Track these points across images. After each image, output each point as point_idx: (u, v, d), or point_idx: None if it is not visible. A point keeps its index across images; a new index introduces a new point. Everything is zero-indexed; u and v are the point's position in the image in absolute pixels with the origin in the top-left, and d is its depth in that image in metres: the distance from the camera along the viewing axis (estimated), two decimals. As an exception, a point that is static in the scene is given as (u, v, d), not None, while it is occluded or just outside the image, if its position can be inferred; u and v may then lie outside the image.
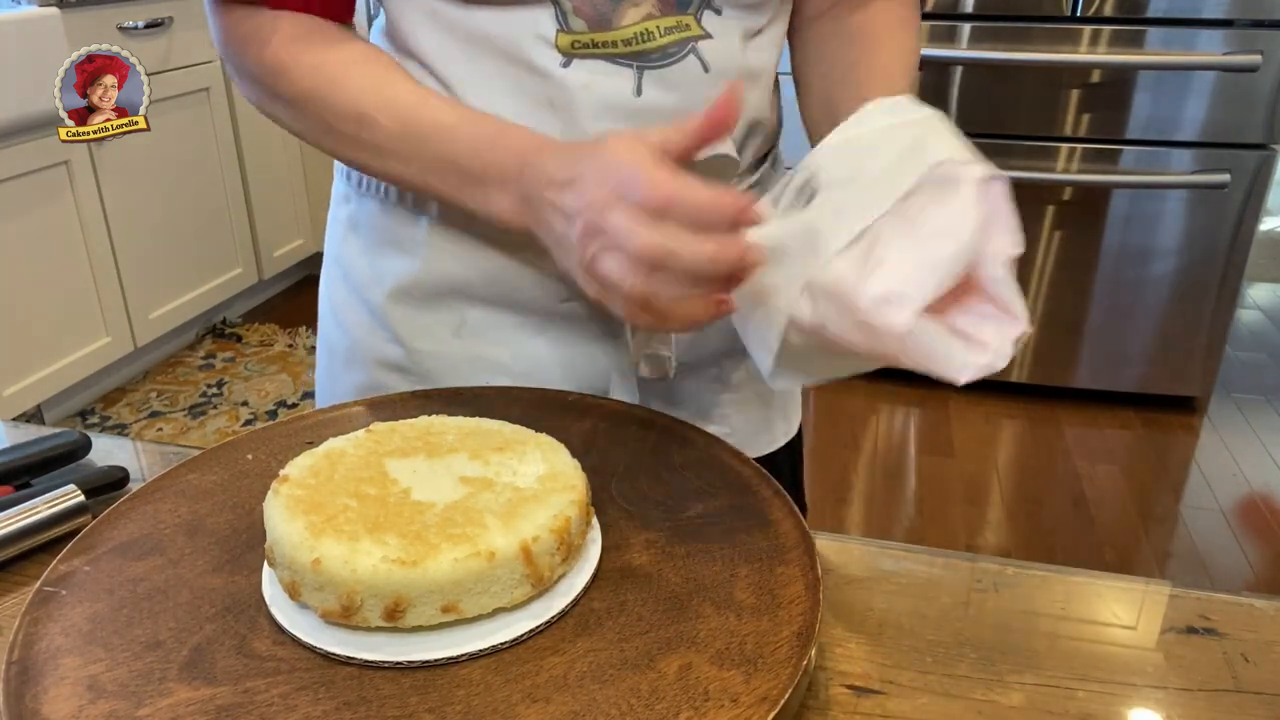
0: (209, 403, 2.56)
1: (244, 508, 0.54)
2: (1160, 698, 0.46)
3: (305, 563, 0.44)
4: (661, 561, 0.50)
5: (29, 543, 0.55)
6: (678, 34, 0.61)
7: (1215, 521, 2.12)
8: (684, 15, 0.61)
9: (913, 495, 2.20)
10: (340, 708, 0.41)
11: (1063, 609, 0.52)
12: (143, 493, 0.55)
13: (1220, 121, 2.24)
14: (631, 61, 0.61)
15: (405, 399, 0.66)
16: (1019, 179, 2.35)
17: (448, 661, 0.43)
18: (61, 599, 0.47)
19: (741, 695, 0.41)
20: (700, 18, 0.62)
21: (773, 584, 0.48)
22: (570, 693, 0.41)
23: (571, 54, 0.60)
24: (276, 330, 2.94)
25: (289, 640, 0.45)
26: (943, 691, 0.46)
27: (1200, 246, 2.35)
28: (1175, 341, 2.45)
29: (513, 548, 0.45)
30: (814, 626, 0.44)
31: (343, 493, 0.49)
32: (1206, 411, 2.53)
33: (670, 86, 0.62)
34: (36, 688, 0.42)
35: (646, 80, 0.61)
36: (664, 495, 0.55)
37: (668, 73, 0.62)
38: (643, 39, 0.60)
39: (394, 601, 0.43)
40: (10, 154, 2.09)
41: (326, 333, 0.77)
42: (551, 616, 0.46)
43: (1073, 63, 2.26)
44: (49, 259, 2.25)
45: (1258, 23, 2.15)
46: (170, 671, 0.43)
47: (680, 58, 0.61)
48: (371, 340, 0.72)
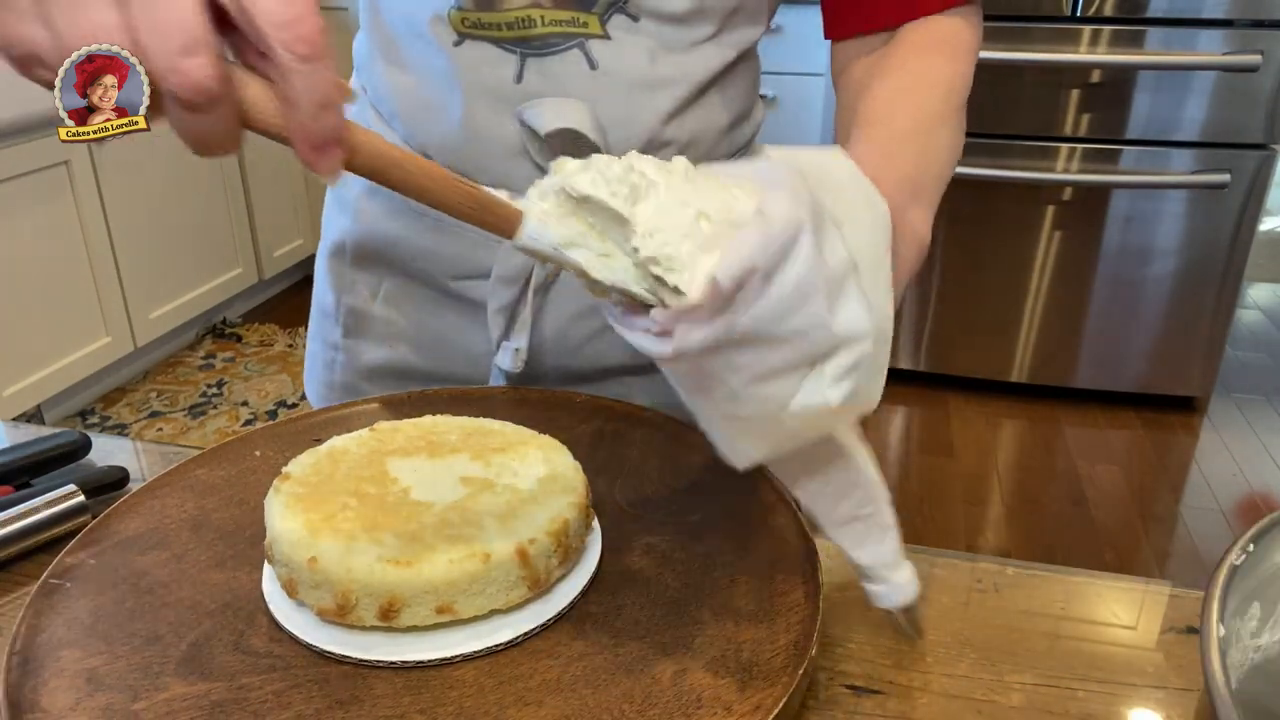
0: (209, 403, 2.56)
1: (249, 504, 0.54)
2: (1160, 698, 0.46)
3: (302, 560, 0.44)
4: (661, 566, 0.49)
5: (29, 543, 0.55)
6: (566, 27, 0.60)
7: (1215, 521, 2.11)
8: (584, 13, 0.60)
9: (913, 495, 2.20)
10: (333, 706, 0.41)
11: (1063, 609, 0.52)
12: (151, 487, 0.56)
13: (1220, 121, 2.24)
14: (515, 47, 0.61)
15: (413, 398, 0.66)
16: (1019, 179, 2.36)
17: (441, 662, 0.43)
18: (66, 591, 0.48)
19: (735, 704, 0.41)
20: (607, 19, 0.61)
21: (772, 591, 0.47)
22: (563, 696, 0.41)
23: (464, 33, 0.62)
24: (276, 330, 2.94)
25: (285, 638, 0.45)
26: (943, 691, 0.46)
27: (1200, 246, 2.35)
28: (1175, 341, 2.45)
29: (509, 550, 0.45)
30: (812, 636, 0.44)
31: (343, 491, 0.49)
32: (1206, 411, 2.53)
33: (551, 77, 0.62)
34: (36, 679, 0.42)
35: (529, 67, 0.62)
36: (667, 499, 0.55)
37: (549, 62, 0.61)
38: (523, 24, 0.61)
39: (389, 601, 0.43)
40: (10, 154, 2.09)
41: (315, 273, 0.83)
42: (547, 619, 0.46)
43: (1073, 63, 2.26)
44: (49, 259, 2.25)
45: (1258, 23, 2.15)
46: (168, 666, 0.43)
47: (563, 49, 0.61)
48: (321, 285, 0.79)
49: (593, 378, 0.72)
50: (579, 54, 0.61)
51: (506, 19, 0.60)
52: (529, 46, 0.61)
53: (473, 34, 0.61)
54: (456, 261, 0.70)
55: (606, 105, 0.62)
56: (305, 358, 0.84)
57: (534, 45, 0.61)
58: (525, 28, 0.61)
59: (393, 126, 0.69)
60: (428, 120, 0.66)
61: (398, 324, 0.74)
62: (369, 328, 0.75)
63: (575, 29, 0.61)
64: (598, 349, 0.71)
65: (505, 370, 0.70)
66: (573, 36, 0.61)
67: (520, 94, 0.62)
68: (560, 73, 0.62)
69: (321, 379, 0.80)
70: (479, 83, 0.63)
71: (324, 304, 0.79)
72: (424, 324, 0.73)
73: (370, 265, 0.73)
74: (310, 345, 0.83)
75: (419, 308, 0.73)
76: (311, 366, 0.83)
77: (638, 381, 0.73)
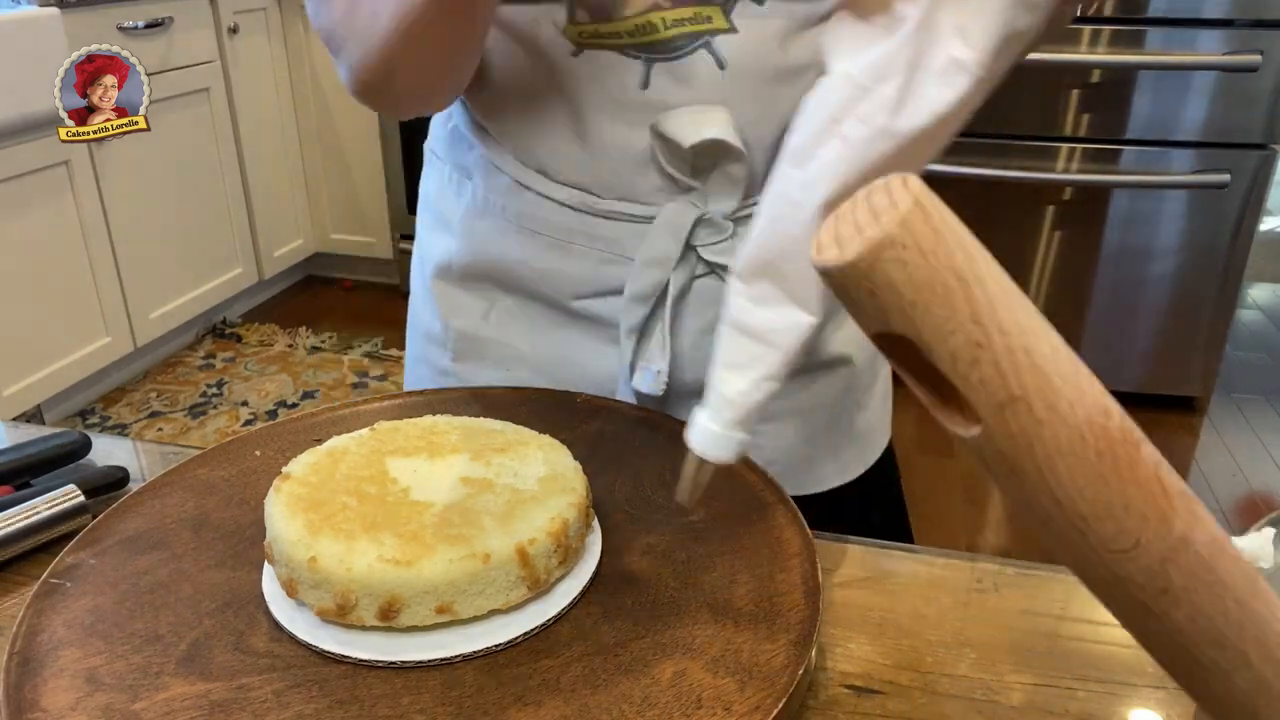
0: (209, 403, 2.56)
1: (250, 504, 0.54)
2: (1160, 698, 0.46)
3: (302, 560, 0.44)
4: (661, 566, 0.49)
5: (29, 543, 0.55)
6: (690, 26, 0.58)
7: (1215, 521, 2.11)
8: (706, 6, 0.57)
9: (913, 495, 2.20)
10: (332, 706, 0.41)
11: (1063, 609, 0.52)
12: (151, 486, 0.56)
13: (1220, 121, 2.24)
14: (640, 53, 0.59)
15: (413, 397, 0.66)
16: (1019, 179, 2.36)
17: (441, 662, 0.43)
18: (66, 591, 0.48)
19: (735, 704, 0.41)
20: (730, 9, 0.57)
21: (772, 592, 0.47)
22: (562, 696, 0.41)
23: (581, 44, 0.59)
24: (276, 330, 2.94)
25: (285, 637, 0.45)
26: (943, 691, 0.46)
27: (1200, 246, 2.35)
28: (1175, 341, 2.45)
29: (508, 550, 0.45)
30: (812, 636, 0.44)
31: (343, 491, 0.49)
32: (1206, 411, 2.53)
33: (681, 80, 0.59)
34: (36, 679, 0.42)
35: (655, 73, 0.59)
36: (667, 499, 0.54)
37: (677, 66, 0.59)
38: (645, 30, 0.58)
39: (388, 601, 0.43)
40: (10, 154, 2.09)
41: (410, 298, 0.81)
42: (547, 619, 0.46)
43: (1073, 63, 2.26)
44: (49, 259, 2.25)
45: (1258, 23, 2.15)
46: (168, 666, 0.43)
47: (689, 51, 0.58)
48: (422, 310, 0.76)
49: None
50: (706, 54, 0.59)
51: (626, 27, 0.58)
52: (653, 51, 0.58)
53: (591, 44, 0.59)
54: (581, 280, 0.66)
55: (739, 104, 0.59)
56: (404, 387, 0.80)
57: (658, 50, 0.58)
58: (648, 33, 0.58)
59: (503, 145, 0.66)
60: (545, 135, 0.63)
61: (514, 345, 0.71)
62: (483, 350, 0.72)
63: (699, 26, 0.58)
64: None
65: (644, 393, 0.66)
66: (698, 36, 0.58)
67: (646, 102, 0.59)
68: (689, 75, 0.59)
69: None
70: (602, 93, 0.60)
71: (429, 329, 0.75)
72: (543, 345, 0.70)
73: (480, 286, 0.70)
74: (413, 371, 0.79)
75: (536, 328, 0.70)
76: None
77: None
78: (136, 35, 2.42)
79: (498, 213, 0.67)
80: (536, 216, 0.66)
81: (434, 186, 0.74)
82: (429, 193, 0.75)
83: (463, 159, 0.70)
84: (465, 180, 0.69)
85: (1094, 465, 0.26)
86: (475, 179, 0.69)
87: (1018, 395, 0.26)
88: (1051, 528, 0.28)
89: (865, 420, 0.76)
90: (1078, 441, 0.26)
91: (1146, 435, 0.27)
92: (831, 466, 0.75)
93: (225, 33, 2.69)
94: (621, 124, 0.60)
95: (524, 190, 0.66)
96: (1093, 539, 0.28)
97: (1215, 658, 0.30)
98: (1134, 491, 0.27)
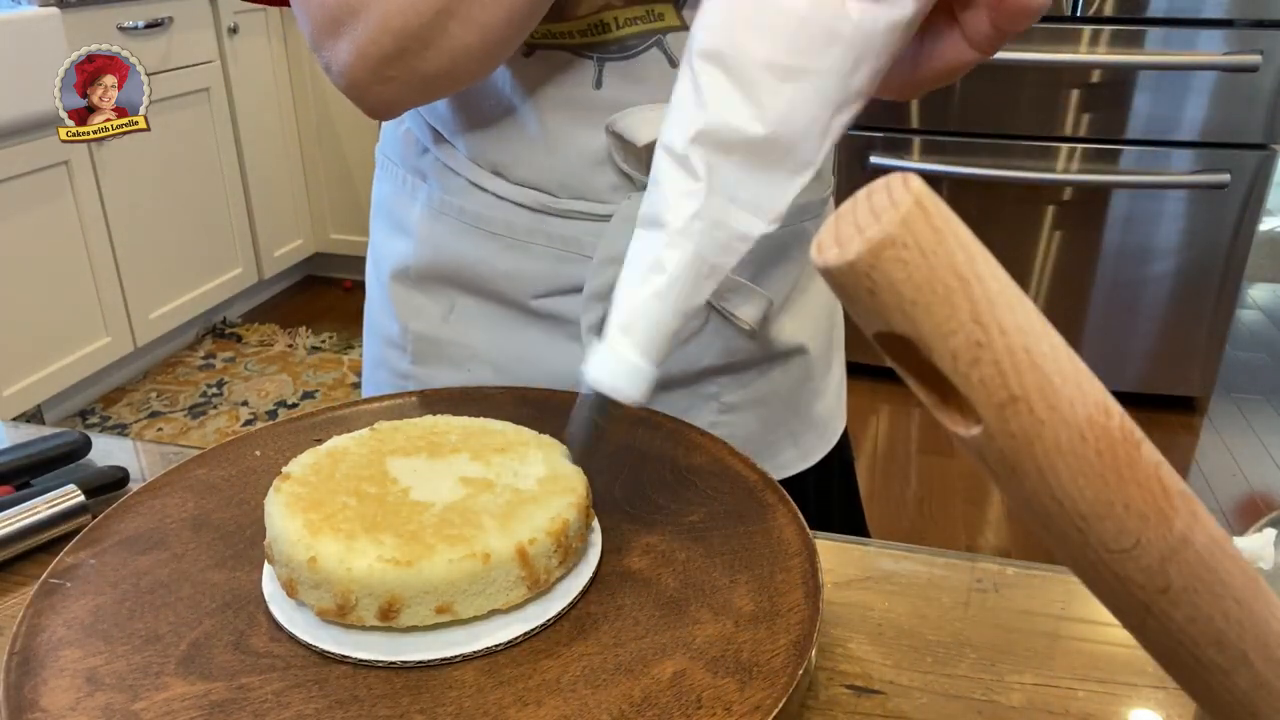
0: (209, 403, 2.56)
1: (250, 503, 0.54)
2: (1160, 698, 0.46)
3: (302, 560, 0.44)
4: (661, 566, 0.49)
5: (29, 543, 0.55)
6: (642, 25, 0.58)
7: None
8: (658, 4, 0.57)
9: (913, 495, 2.20)
10: (332, 706, 0.41)
11: (1063, 609, 0.52)
12: (151, 486, 0.56)
13: (1220, 121, 2.24)
14: (592, 53, 0.59)
15: (415, 398, 0.66)
16: (1019, 179, 2.36)
17: (441, 662, 0.43)
18: (66, 591, 0.47)
19: (734, 704, 0.41)
20: (682, 6, 0.57)
21: (772, 591, 0.47)
22: (562, 696, 0.41)
23: (534, 44, 0.59)
24: (276, 330, 2.94)
25: (285, 637, 0.45)
26: (943, 691, 0.46)
27: (1200, 246, 2.35)
28: (1175, 341, 2.45)
29: (509, 549, 0.45)
30: (812, 636, 0.44)
31: (343, 491, 0.48)
32: (1206, 411, 2.53)
33: (634, 80, 0.59)
34: (36, 679, 0.42)
35: (608, 72, 0.59)
36: (667, 499, 0.55)
37: (630, 65, 0.59)
38: (598, 30, 0.58)
39: (388, 601, 0.43)
40: (10, 154, 2.09)
41: (366, 303, 0.81)
42: (547, 619, 0.46)
43: (1073, 63, 2.26)
44: (49, 259, 2.25)
45: (1258, 23, 2.15)
46: (168, 666, 0.43)
47: (641, 50, 0.58)
48: (380, 315, 0.76)
49: (684, 381, 0.70)
50: (658, 52, 0.59)
51: (579, 27, 0.58)
52: (606, 51, 0.59)
53: (543, 44, 0.59)
54: (540, 279, 0.67)
55: None
56: (363, 392, 0.80)
57: (611, 50, 0.59)
58: (600, 33, 0.58)
59: (457, 147, 0.66)
60: (499, 137, 0.63)
61: (474, 346, 0.71)
62: (443, 352, 0.72)
63: (652, 24, 0.58)
64: (690, 353, 0.69)
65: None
66: (650, 34, 0.58)
67: (600, 101, 0.59)
68: (641, 75, 0.59)
69: None
70: (556, 94, 0.60)
71: (387, 333, 0.75)
72: (504, 345, 0.70)
73: (439, 288, 0.71)
74: (372, 376, 0.79)
75: (497, 328, 0.70)
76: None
77: (728, 380, 0.71)
78: (136, 35, 2.42)
79: (454, 214, 0.67)
80: (493, 217, 0.66)
81: (388, 190, 0.73)
82: (382, 197, 0.74)
83: (416, 162, 0.70)
84: (420, 183, 0.69)
85: (1094, 465, 0.26)
86: (430, 181, 0.69)
87: (1018, 395, 0.26)
88: (1051, 528, 0.28)
89: (824, 406, 0.79)
90: (1078, 441, 0.26)
91: (1146, 435, 0.27)
92: (793, 452, 0.77)
93: (225, 33, 2.69)
94: (576, 124, 0.60)
95: (480, 191, 0.66)
96: (1093, 539, 0.27)
97: (1215, 658, 0.30)
98: (1134, 491, 0.27)
